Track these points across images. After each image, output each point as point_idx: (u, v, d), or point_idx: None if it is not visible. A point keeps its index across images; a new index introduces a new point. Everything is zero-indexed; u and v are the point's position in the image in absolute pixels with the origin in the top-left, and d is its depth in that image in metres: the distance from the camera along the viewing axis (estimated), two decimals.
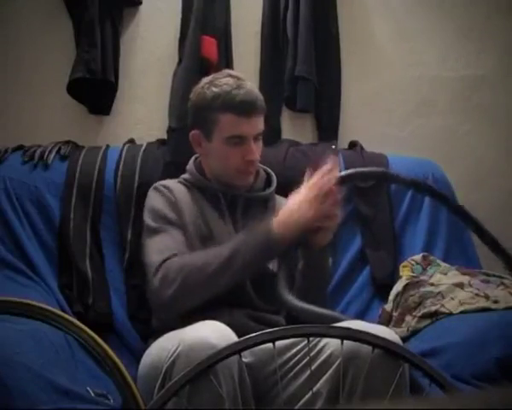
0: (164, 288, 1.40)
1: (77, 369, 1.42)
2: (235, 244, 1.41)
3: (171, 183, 1.65)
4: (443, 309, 1.65)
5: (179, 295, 1.39)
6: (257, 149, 1.58)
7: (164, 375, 1.16)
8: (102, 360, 1.16)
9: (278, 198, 1.71)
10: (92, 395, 1.31)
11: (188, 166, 1.70)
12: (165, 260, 1.43)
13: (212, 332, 1.17)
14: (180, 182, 1.66)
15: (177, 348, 1.15)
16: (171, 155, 1.97)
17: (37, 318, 1.20)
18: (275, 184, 1.69)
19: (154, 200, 1.60)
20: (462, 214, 1.35)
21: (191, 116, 1.64)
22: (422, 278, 1.77)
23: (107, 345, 1.20)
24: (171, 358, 1.15)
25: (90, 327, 1.23)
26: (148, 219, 1.57)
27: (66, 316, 1.23)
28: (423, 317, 1.67)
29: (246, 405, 1.19)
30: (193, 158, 1.72)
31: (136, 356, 1.65)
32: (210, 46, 2.08)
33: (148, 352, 1.40)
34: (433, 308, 1.66)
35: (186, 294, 1.39)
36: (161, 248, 1.47)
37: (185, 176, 1.68)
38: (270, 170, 1.74)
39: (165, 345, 1.24)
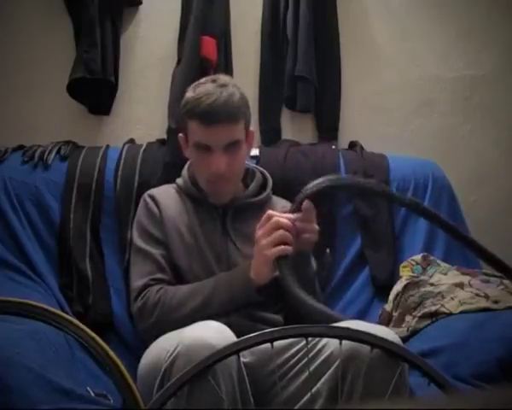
0: (141, 318, 1.48)
1: (77, 369, 1.42)
2: (212, 286, 1.45)
3: (162, 191, 1.67)
4: (443, 309, 1.64)
5: (155, 327, 1.45)
6: (228, 161, 1.52)
7: (163, 375, 1.16)
8: (102, 360, 1.16)
9: (275, 200, 1.71)
10: (92, 395, 1.31)
11: (182, 171, 1.71)
12: (144, 288, 1.49)
13: (212, 332, 1.17)
14: (174, 188, 1.68)
15: (175, 348, 1.15)
16: (171, 155, 1.97)
17: (37, 318, 1.20)
18: (270, 187, 1.69)
19: (140, 212, 1.64)
20: (461, 238, 1.34)
21: (181, 118, 1.64)
22: (422, 278, 1.77)
23: (108, 345, 1.20)
24: (170, 358, 1.15)
25: (90, 327, 1.23)
26: (134, 233, 1.62)
27: (67, 316, 1.23)
28: (423, 317, 1.67)
29: (245, 405, 1.19)
30: (188, 162, 1.71)
31: (137, 356, 1.64)
32: (209, 46, 2.08)
33: (147, 352, 1.40)
34: (433, 308, 1.66)
35: (162, 327, 1.42)
36: (142, 273, 1.52)
37: (179, 181, 1.69)
38: (266, 173, 1.73)
39: (165, 345, 1.24)
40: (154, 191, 1.67)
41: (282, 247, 1.34)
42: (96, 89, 2.13)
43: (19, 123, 2.19)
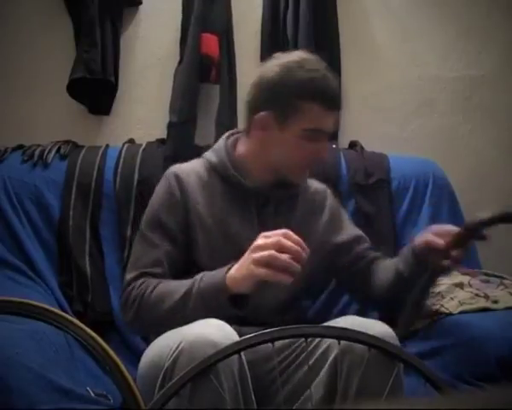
0: (124, 311, 1.40)
1: (76, 369, 1.42)
2: (189, 286, 1.29)
3: (190, 168, 1.48)
4: (443, 309, 1.64)
5: (135, 323, 1.38)
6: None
7: (165, 373, 1.14)
8: (102, 359, 1.15)
9: (310, 182, 1.58)
10: (92, 395, 1.31)
11: (216, 147, 1.51)
12: (133, 280, 1.38)
13: (213, 329, 1.15)
14: (204, 164, 1.49)
15: (178, 346, 1.13)
16: (172, 149, 1.97)
17: (37, 318, 1.20)
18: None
19: (159, 192, 1.46)
20: None
21: (266, 94, 1.41)
22: None
23: (108, 344, 1.19)
24: (173, 356, 1.13)
25: (90, 326, 1.23)
26: (146, 215, 1.47)
27: (66, 316, 1.23)
28: (423, 317, 1.67)
29: (247, 403, 1.18)
30: (224, 137, 1.52)
31: (137, 355, 1.64)
32: (210, 43, 2.08)
33: (148, 349, 1.36)
34: (433, 308, 1.66)
35: (142, 323, 1.37)
36: (138, 264, 1.40)
37: (211, 157, 1.49)
38: None
39: (167, 342, 1.22)
40: (181, 169, 1.47)
41: (274, 273, 1.17)
42: (95, 89, 2.13)
43: (19, 123, 2.19)
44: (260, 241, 1.22)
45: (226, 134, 1.53)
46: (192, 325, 1.19)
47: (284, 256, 1.18)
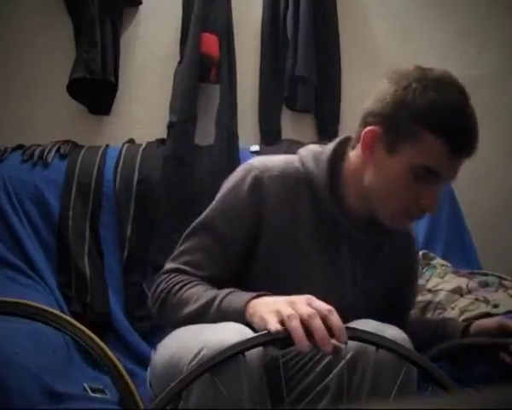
0: (151, 301, 1.28)
1: (74, 369, 1.42)
2: (211, 297, 1.16)
3: (278, 170, 1.20)
4: None
5: (158, 317, 1.28)
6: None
7: None
8: (101, 360, 1.15)
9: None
10: (89, 390, 1.31)
11: (324, 153, 1.22)
12: (168, 271, 1.25)
13: (234, 335, 1.10)
14: (297, 171, 1.21)
15: (199, 352, 1.05)
16: (172, 149, 1.97)
17: (35, 319, 1.19)
18: None
19: (228, 189, 1.21)
20: None
21: (383, 107, 1.17)
22: (420, 282, 1.76)
23: (106, 344, 1.19)
24: (194, 361, 1.09)
25: (88, 327, 1.23)
26: (208, 208, 1.23)
27: (65, 316, 1.22)
28: None
29: (262, 401, 1.16)
30: (336, 143, 1.24)
31: (135, 355, 1.64)
32: (210, 42, 2.08)
33: (166, 343, 1.26)
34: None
35: (162, 322, 1.29)
36: (179, 257, 1.25)
37: (310, 165, 1.21)
38: None
39: (187, 344, 1.13)
40: (266, 169, 1.19)
41: (281, 331, 0.97)
42: (95, 89, 2.13)
43: (19, 123, 2.19)
44: (302, 304, 1.00)
45: (340, 138, 1.26)
46: (212, 328, 1.12)
47: (298, 329, 0.97)
